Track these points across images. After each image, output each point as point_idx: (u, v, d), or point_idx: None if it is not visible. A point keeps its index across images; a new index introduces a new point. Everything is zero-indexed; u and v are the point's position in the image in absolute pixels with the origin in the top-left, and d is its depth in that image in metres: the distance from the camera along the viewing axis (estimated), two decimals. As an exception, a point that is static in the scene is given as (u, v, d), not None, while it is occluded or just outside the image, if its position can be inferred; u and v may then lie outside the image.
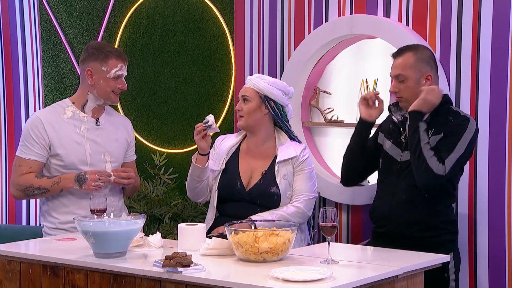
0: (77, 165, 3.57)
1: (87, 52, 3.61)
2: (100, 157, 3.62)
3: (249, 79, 3.70)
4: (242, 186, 3.60)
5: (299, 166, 3.64)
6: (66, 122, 3.59)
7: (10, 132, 6.01)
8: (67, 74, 5.78)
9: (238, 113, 3.66)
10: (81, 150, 3.58)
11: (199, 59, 5.19)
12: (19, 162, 3.56)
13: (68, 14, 5.74)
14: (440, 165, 3.18)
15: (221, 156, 3.67)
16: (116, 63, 3.59)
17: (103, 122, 3.67)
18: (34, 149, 3.54)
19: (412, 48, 3.38)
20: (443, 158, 3.21)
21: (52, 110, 3.65)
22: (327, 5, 4.52)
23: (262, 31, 4.79)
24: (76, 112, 3.62)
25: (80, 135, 3.59)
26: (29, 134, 3.55)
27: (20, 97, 5.98)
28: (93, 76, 3.58)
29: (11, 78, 6.00)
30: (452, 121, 3.28)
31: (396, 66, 3.34)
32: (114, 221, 3.06)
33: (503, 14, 3.91)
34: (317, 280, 2.55)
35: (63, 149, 3.56)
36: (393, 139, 3.38)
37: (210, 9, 5.10)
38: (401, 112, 3.42)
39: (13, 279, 3.12)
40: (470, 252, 4.04)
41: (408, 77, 3.29)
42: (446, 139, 3.23)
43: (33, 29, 5.93)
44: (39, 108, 5.92)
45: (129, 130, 3.81)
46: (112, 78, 3.58)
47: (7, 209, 6.02)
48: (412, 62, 3.31)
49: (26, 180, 3.54)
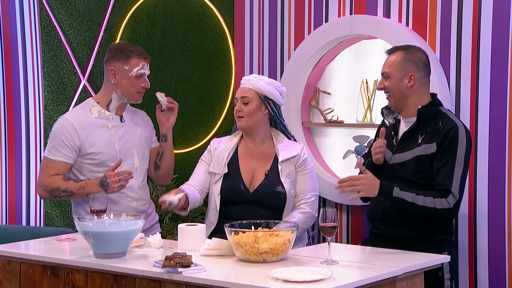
0: (108, 163, 3.63)
1: (110, 52, 3.69)
2: (128, 153, 3.69)
3: (246, 80, 3.68)
4: (246, 188, 3.59)
5: (301, 166, 3.64)
6: (94, 122, 3.66)
7: (10, 132, 6.01)
8: (67, 75, 5.78)
9: (238, 113, 3.65)
10: (111, 148, 3.65)
11: (199, 59, 5.19)
12: (47, 163, 3.61)
13: (68, 15, 5.74)
14: (446, 199, 3.20)
15: (221, 159, 3.66)
16: (138, 61, 3.66)
17: (127, 119, 3.76)
18: (63, 151, 3.59)
19: (405, 48, 3.40)
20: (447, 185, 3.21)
21: (79, 112, 3.71)
22: (327, 5, 4.52)
23: (262, 31, 4.79)
24: (102, 111, 3.69)
25: (109, 133, 3.66)
26: (59, 136, 3.60)
27: (20, 97, 5.99)
28: (116, 76, 3.65)
29: (11, 78, 6.00)
30: (442, 127, 3.28)
31: (384, 64, 3.38)
32: (114, 221, 3.06)
33: (503, 14, 3.91)
34: (317, 280, 2.55)
35: (95, 148, 3.62)
36: (388, 141, 3.40)
37: (210, 10, 5.10)
38: (393, 114, 3.44)
39: (13, 279, 3.13)
40: (470, 252, 4.04)
41: (392, 75, 3.33)
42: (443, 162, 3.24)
43: (33, 30, 5.93)
44: (39, 109, 5.93)
45: (145, 121, 3.89)
46: (134, 77, 3.66)
47: (7, 210, 6.02)
48: (399, 61, 3.34)
49: (53, 182, 3.58)
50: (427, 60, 3.41)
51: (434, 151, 3.25)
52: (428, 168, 3.26)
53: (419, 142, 3.28)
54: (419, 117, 3.30)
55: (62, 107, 5.81)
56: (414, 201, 3.19)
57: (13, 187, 6.01)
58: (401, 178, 3.31)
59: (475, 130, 4.04)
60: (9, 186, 6.00)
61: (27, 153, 6.01)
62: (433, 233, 3.33)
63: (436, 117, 3.32)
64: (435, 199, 3.20)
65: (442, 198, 3.20)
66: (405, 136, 3.34)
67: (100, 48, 5.61)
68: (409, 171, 3.28)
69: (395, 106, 3.38)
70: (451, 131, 3.26)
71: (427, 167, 3.26)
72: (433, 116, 3.32)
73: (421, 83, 3.35)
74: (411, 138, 3.32)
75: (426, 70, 3.39)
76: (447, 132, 3.25)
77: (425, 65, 3.39)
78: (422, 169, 3.27)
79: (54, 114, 5.84)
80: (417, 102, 3.33)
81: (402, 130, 3.39)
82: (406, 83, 3.33)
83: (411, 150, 3.30)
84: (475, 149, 4.02)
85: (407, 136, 3.33)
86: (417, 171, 3.27)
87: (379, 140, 3.38)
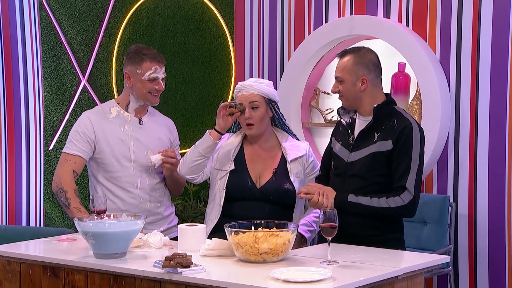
0: (121, 161, 3.67)
1: (127, 56, 3.74)
2: (143, 155, 3.71)
3: (248, 86, 3.61)
4: (253, 184, 3.59)
5: (309, 167, 3.64)
6: (111, 121, 3.71)
7: (10, 132, 6.02)
8: (67, 75, 5.78)
9: (248, 121, 3.59)
10: (125, 147, 3.68)
11: (199, 60, 5.19)
12: (65, 157, 3.68)
13: (68, 15, 5.74)
14: (399, 197, 3.26)
15: (227, 156, 3.66)
16: (150, 65, 3.68)
17: (146, 122, 3.78)
18: (79, 145, 3.65)
19: (354, 50, 3.41)
20: (402, 182, 3.26)
21: (99, 110, 3.77)
22: (327, 5, 4.52)
23: (262, 32, 4.79)
24: (121, 112, 3.74)
25: (124, 133, 3.70)
26: (77, 131, 3.68)
27: (20, 97, 5.99)
28: (130, 79, 3.70)
29: (11, 78, 6.00)
30: (397, 125, 3.31)
31: (337, 68, 3.40)
32: (114, 221, 3.06)
33: (503, 14, 3.92)
34: (317, 280, 2.55)
35: (109, 146, 3.66)
36: (342, 141, 3.43)
37: (210, 10, 5.10)
38: (349, 114, 3.46)
39: (13, 279, 3.13)
40: (470, 252, 4.04)
41: (345, 79, 3.35)
42: (399, 160, 3.28)
43: (33, 30, 5.94)
44: (39, 109, 5.94)
45: (171, 130, 3.91)
46: (147, 80, 3.67)
47: (7, 210, 6.02)
48: (350, 65, 3.36)
49: (67, 183, 3.62)
50: (378, 60, 3.43)
51: (390, 148, 3.29)
52: (383, 164, 3.30)
53: (375, 139, 3.32)
54: (375, 115, 3.33)
55: (62, 107, 5.81)
56: (369, 203, 3.25)
57: (13, 188, 6.02)
58: (357, 175, 3.35)
59: (475, 130, 4.05)
60: (9, 187, 6.01)
61: (27, 153, 6.01)
62: (385, 231, 3.35)
63: (391, 116, 3.35)
64: (388, 199, 3.27)
65: (395, 197, 3.26)
66: (361, 134, 3.37)
67: (100, 49, 5.61)
68: (365, 168, 3.31)
69: (350, 107, 3.41)
70: (405, 129, 3.31)
71: (382, 163, 3.30)
72: (388, 115, 3.35)
73: (373, 84, 3.38)
74: (367, 136, 3.35)
75: (377, 70, 3.41)
76: (401, 131, 3.30)
77: (376, 66, 3.41)
78: (377, 165, 3.30)
79: (54, 114, 5.85)
80: (372, 102, 3.37)
81: (358, 128, 3.40)
82: (359, 86, 3.36)
83: (367, 148, 3.33)
84: (475, 149, 4.03)
85: (363, 135, 3.36)
86: (372, 168, 3.31)
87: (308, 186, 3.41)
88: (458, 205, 4.12)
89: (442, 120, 4.10)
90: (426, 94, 4.13)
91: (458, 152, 4.11)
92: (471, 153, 4.07)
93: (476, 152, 4.00)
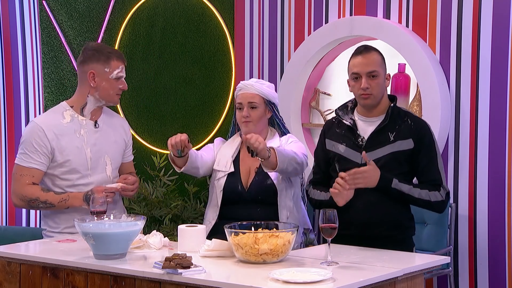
0: (80, 170, 3.55)
1: (86, 53, 3.57)
2: (100, 161, 3.59)
3: (249, 85, 3.63)
4: (243, 187, 3.61)
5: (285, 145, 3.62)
6: (66, 127, 3.55)
7: (10, 134, 6.02)
8: (67, 76, 5.78)
9: (246, 119, 3.61)
10: (82, 155, 3.55)
11: (199, 60, 5.19)
12: (21, 171, 3.50)
13: (68, 16, 5.74)
14: (439, 192, 3.28)
15: (227, 158, 3.67)
16: (118, 64, 3.57)
17: (102, 124, 3.64)
18: (35, 157, 3.49)
19: (373, 48, 3.40)
20: (437, 179, 3.31)
21: (51, 116, 3.60)
22: (327, 6, 4.52)
23: (262, 32, 4.79)
24: (75, 116, 3.58)
25: (80, 139, 3.56)
26: (30, 142, 3.49)
27: (20, 98, 5.99)
28: (95, 78, 3.54)
29: (11, 79, 6.00)
30: (413, 124, 3.31)
31: (369, 63, 3.31)
32: (114, 222, 3.06)
33: (503, 14, 3.92)
34: (317, 281, 2.55)
35: (65, 155, 3.52)
36: (347, 142, 3.37)
37: (210, 11, 5.11)
38: (349, 115, 3.41)
39: (13, 280, 3.13)
40: (470, 252, 4.04)
41: (380, 74, 3.32)
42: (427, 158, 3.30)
43: (33, 31, 5.94)
44: (39, 110, 5.93)
45: (126, 130, 3.78)
46: (114, 79, 3.56)
47: (7, 211, 6.02)
48: (380, 60, 3.35)
49: (32, 192, 3.48)
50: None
51: (411, 147, 3.29)
52: (402, 163, 3.30)
53: (391, 139, 3.30)
54: (391, 114, 3.32)
55: (62, 108, 5.82)
56: (410, 193, 3.27)
57: (13, 188, 6.01)
58: None
59: (475, 131, 4.05)
60: (9, 187, 6.00)
61: (27, 154, 6.00)
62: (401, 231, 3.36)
63: (400, 115, 3.34)
64: (430, 192, 3.29)
65: (436, 191, 3.29)
66: (373, 135, 3.33)
67: (100, 49, 5.61)
68: (385, 168, 3.28)
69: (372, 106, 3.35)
70: (425, 128, 3.35)
71: (401, 162, 3.29)
72: (398, 114, 3.34)
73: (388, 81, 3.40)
74: (381, 136, 3.32)
75: None
76: (421, 129, 3.33)
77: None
78: (396, 164, 3.29)
79: (54, 115, 5.85)
80: (385, 100, 3.36)
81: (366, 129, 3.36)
82: (386, 83, 3.36)
83: (382, 148, 3.30)
84: (475, 149, 4.03)
85: (375, 135, 3.33)
86: (392, 167, 3.28)
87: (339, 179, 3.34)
88: (458, 206, 4.11)
89: (442, 121, 4.10)
90: (426, 94, 4.13)
91: (458, 153, 4.11)
92: (471, 154, 4.07)
93: (476, 153, 4.00)
